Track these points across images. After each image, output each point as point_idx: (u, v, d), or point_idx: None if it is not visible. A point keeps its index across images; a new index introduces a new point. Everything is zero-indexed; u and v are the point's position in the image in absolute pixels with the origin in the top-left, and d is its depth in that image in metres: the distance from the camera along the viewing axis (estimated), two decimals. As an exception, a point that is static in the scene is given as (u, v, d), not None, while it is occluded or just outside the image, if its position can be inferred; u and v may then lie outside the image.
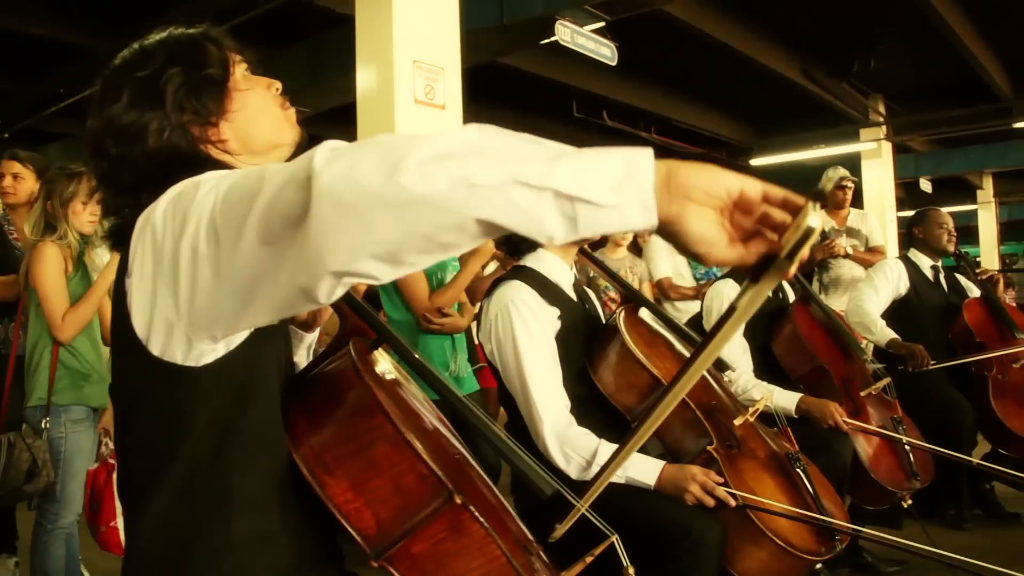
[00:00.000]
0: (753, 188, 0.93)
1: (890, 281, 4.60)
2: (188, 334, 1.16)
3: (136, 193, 1.32)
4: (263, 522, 1.25)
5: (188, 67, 1.39)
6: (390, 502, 1.18)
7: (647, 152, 0.91)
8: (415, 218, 0.89)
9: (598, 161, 0.89)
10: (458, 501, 1.17)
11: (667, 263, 6.12)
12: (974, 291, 4.72)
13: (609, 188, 0.87)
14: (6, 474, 3.19)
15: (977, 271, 4.81)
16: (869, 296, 4.55)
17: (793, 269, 0.91)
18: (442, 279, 3.65)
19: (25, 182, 3.95)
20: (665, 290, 6.05)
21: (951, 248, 4.71)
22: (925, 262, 4.68)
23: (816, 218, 0.86)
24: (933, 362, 4.22)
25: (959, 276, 4.87)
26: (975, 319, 4.50)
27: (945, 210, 4.82)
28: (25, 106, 11.29)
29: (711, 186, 0.91)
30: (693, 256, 0.95)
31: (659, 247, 6.18)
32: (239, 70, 1.46)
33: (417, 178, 0.87)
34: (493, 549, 1.22)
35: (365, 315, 1.51)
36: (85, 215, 3.41)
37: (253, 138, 1.44)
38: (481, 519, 1.20)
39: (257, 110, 1.45)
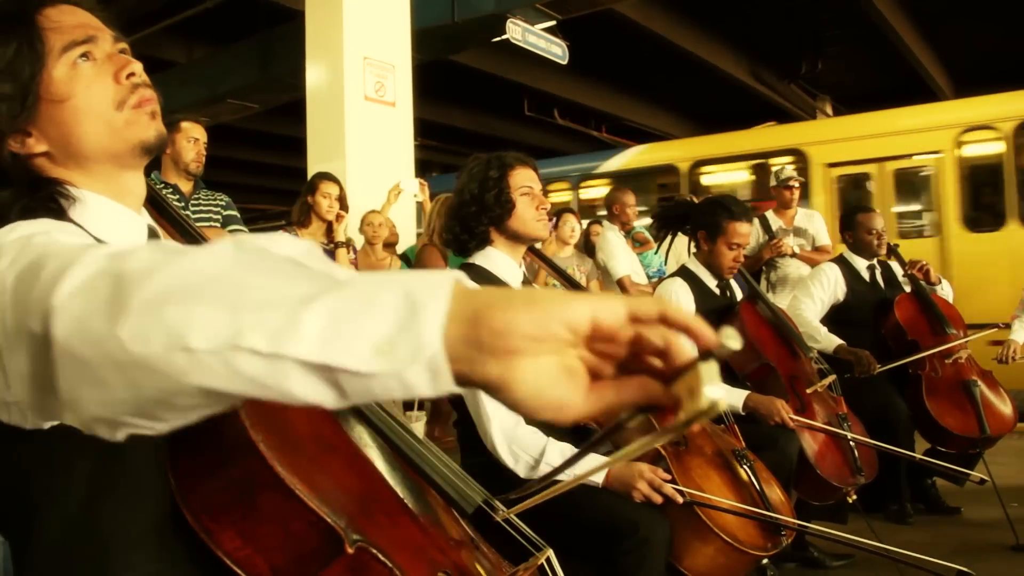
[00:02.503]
0: (610, 312, 0.67)
1: (826, 289, 4.61)
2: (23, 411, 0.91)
3: None
4: (149, 574, 1.12)
5: None
6: (281, 549, 1.10)
7: (440, 284, 0.66)
8: (140, 380, 0.70)
9: (367, 305, 0.65)
10: (349, 551, 1.10)
11: (626, 261, 6.07)
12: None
13: (374, 348, 0.64)
14: None
15: (907, 263, 4.79)
16: (807, 305, 4.57)
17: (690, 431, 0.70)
18: None
19: None
20: (626, 288, 5.97)
21: (882, 251, 4.71)
22: (861, 263, 4.69)
23: (714, 391, 0.62)
24: (879, 366, 4.25)
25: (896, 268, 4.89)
26: (906, 316, 4.51)
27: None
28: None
29: (544, 328, 0.64)
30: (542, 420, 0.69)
31: (616, 246, 6.13)
32: (69, 58, 1.19)
33: (135, 331, 0.68)
34: None
35: None
36: None
37: (75, 147, 1.20)
38: (385, 559, 1.14)
39: (81, 116, 1.19)
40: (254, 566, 1.10)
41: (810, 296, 4.60)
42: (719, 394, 0.62)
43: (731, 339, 0.65)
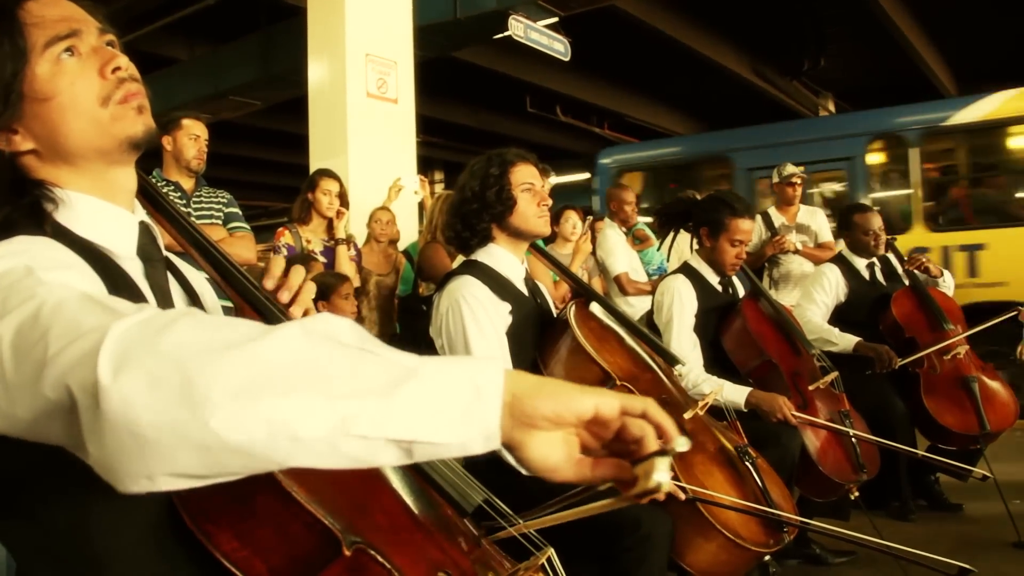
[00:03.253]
0: (609, 407, 0.90)
1: (828, 292, 4.60)
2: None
3: None
4: None
5: None
6: (279, 551, 1.10)
7: (496, 373, 0.85)
8: (226, 460, 0.79)
9: (442, 391, 0.81)
10: (347, 553, 1.10)
11: (624, 259, 6.08)
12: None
13: (449, 426, 0.82)
14: None
15: (906, 258, 4.77)
16: (812, 311, 4.56)
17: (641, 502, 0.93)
18: None
19: None
20: (623, 285, 5.99)
21: (880, 251, 4.68)
22: (860, 262, 4.68)
23: (662, 476, 0.88)
24: (900, 360, 4.23)
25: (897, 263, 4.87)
26: (903, 312, 4.48)
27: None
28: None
29: (558, 414, 0.87)
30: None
31: (615, 243, 6.14)
32: (53, 53, 1.16)
33: (231, 423, 0.75)
34: None
35: (264, 309, 1.34)
36: None
37: (62, 145, 1.18)
38: (383, 560, 1.13)
39: (65, 112, 1.17)
40: (252, 568, 1.10)
41: (813, 301, 4.59)
42: (665, 479, 0.88)
43: (682, 445, 0.91)
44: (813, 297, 4.61)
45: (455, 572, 1.28)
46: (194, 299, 1.40)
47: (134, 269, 1.26)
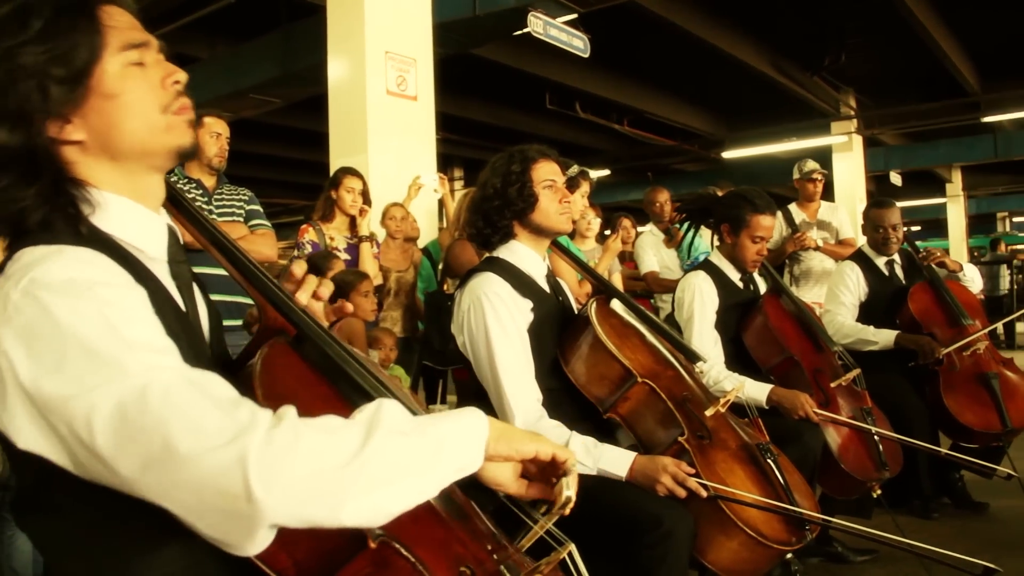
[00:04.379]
0: (544, 451, 1.36)
1: (852, 291, 4.57)
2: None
3: None
4: (173, 572, 1.14)
5: (49, 48, 1.18)
6: (304, 543, 1.12)
7: (483, 428, 1.26)
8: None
9: (461, 447, 1.22)
10: (372, 546, 1.13)
11: (653, 258, 6.26)
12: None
13: (464, 466, 1.22)
14: None
15: (921, 254, 4.71)
16: (843, 313, 4.52)
17: (563, 512, 1.37)
18: None
19: None
20: (650, 283, 6.20)
21: (893, 249, 4.63)
22: (880, 259, 4.65)
23: (571, 490, 1.37)
24: (943, 349, 4.19)
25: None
26: (920, 307, 4.43)
27: (914, 203, 4.78)
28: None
29: (509, 454, 1.32)
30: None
31: (646, 243, 6.36)
32: (124, 58, 1.24)
33: (359, 515, 1.06)
34: None
35: (285, 308, 1.38)
36: None
37: (114, 142, 1.25)
38: (407, 554, 1.15)
39: (128, 113, 1.24)
40: (277, 561, 1.11)
41: (840, 303, 4.56)
42: (571, 494, 1.37)
43: (568, 489, 1.37)
44: (839, 299, 4.58)
45: (477, 568, 1.29)
46: (204, 294, 1.46)
47: (160, 270, 1.31)
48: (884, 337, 4.36)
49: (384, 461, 1.06)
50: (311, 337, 1.35)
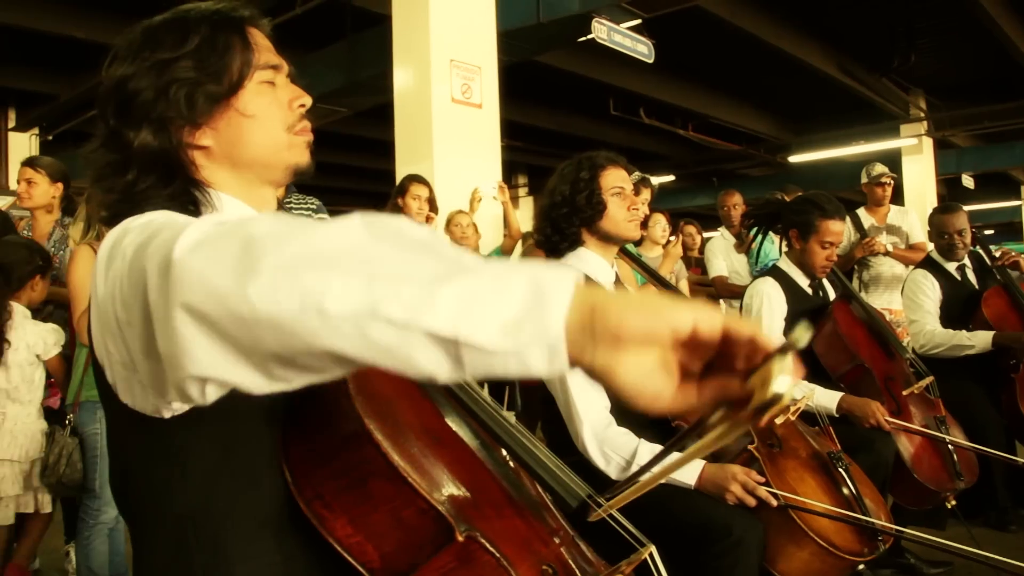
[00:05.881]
0: (710, 326, 0.73)
1: (931, 296, 4.46)
2: (146, 389, 1.05)
3: (124, 175, 1.26)
4: (265, 564, 1.17)
5: (205, 64, 1.26)
6: (391, 536, 1.13)
7: (566, 278, 0.72)
8: (263, 337, 0.75)
9: (497, 287, 0.71)
10: (460, 539, 1.13)
11: (722, 262, 6.30)
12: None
13: (501, 327, 0.70)
14: (48, 466, 3.28)
15: (996, 254, 4.61)
16: (929, 321, 4.42)
17: (761, 422, 0.73)
18: None
19: (39, 187, 4.17)
20: (718, 288, 6.24)
21: (960, 255, 4.53)
22: (950, 264, 4.57)
23: (783, 382, 0.69)
24: None
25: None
26: (995, 311, 4.32)
27: (988, 207, 4.69)
28: (67, 109, 11.45)
29: (651, 328, 0.72)
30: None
31: (716, 247, 6.41)
32: (260, 76, 1.31)
33: (266, 290, 0.73)
34: None
35: None
36: None
37: (239, 152, 1.31)
38: (492, 549, 1.16)
39: (257, 128, 1.31)
40: (364, 552, 1.13)
41: (924, 311, 4.45)
42: (787, 383, 0.69)
43: (804, 334, 0.72)
44: (923, 307, 4.47)
45: (559, 567, 1.30)
46: None
47: None
48: (981, 339, 4.24)
49: (342, 244, 0.75)
50: None
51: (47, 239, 4.18)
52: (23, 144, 12.83)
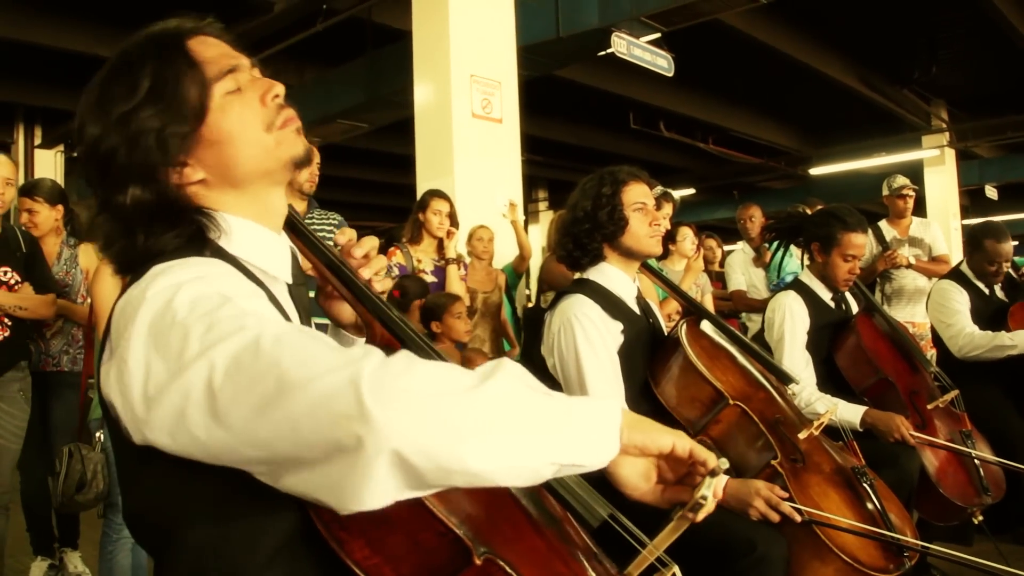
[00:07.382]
0: (682, 446, 1.18)
1: (963, 303, 4.40)
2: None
3: (132, 238, 1.23)
4: None
5: (163, 106, 1.22)
6: (409, 559, 1.12)
7: (618, 412, 1.11)
8: (456, 480, 0.95)
9: (593, 426, 1.07)
10: (478, 562, 1.12)
11: (741, 276, 6.31)
12: None
13: (592, 451, 1.07)
14: (64, 483, 3.30)
15: (1021, 270, 4.57)
16: (966, 324, 4.36)
17: (699, 516, 1.18)
18: None
19: (40, 214, 4.23)
20: (736, 302, 6.25)
21: (996, 283, 4.48)
22: (979, 281, 4.52)
23: (708, 490, 1.16)
24: None
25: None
26: (1021, 325, 4.27)
27: (1012, 217, 4.62)
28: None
29: (646, 447, 1.15)
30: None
31: (735, 262, 6.40)
32: (221, 89, 1.26)
33: (480, 457, 0.93)
34: None
35: (392, 325, 1.40)
36: None
37: (233, 173, 1.27)
38: (511, 572, 1.15)
39: (239, 144, 1.26)
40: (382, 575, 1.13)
41: (959, 315, 4.38)
42: (707, 493, 1.16)
43: (706, 488, 1.17)
44: (958, 310, 4.40)
45: None
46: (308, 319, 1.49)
47: (281, 291, 1.35)
48: (1022, 339, 4.16)
49: (505, 402, 0.96)
50: (413, 348, 1.35)
51: (56, 260, 4.24)
52: (48, 161, 12.99)
